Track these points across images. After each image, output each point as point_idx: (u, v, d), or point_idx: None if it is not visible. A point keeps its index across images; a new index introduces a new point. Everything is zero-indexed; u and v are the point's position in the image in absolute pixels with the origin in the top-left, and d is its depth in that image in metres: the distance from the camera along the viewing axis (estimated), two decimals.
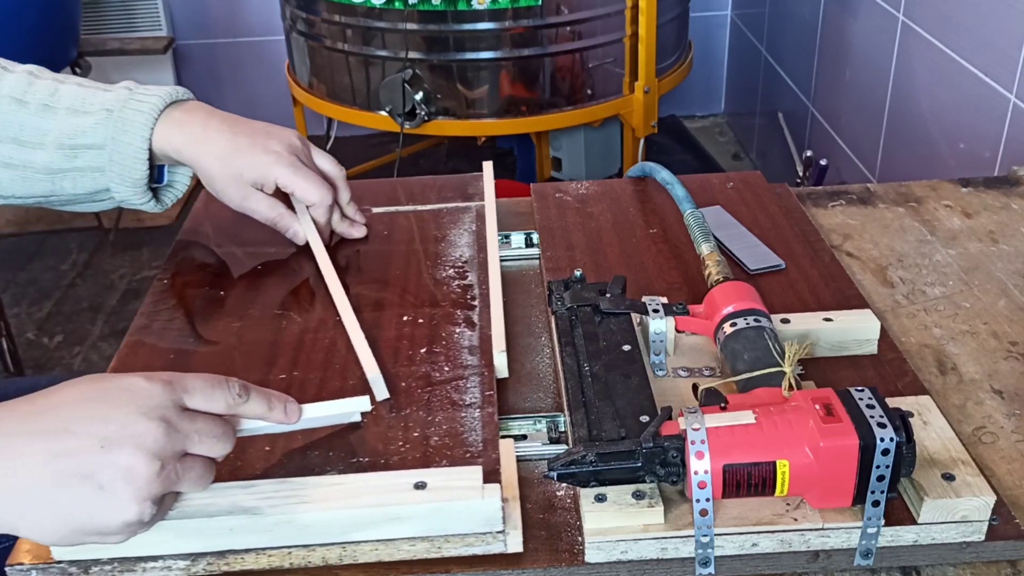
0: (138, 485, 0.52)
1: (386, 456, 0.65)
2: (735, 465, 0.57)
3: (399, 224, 0.96)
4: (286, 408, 0.61)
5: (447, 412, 0.69)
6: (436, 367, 0.74)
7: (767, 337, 0.67)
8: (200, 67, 3.15)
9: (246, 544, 0.58)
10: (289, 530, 0.58)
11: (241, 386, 0.58)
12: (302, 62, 2.20)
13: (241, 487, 0.59)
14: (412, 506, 0.57)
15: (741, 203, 0.97)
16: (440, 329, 0.78)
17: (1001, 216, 0.97)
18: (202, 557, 0.58)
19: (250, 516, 0.57)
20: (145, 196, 0.86)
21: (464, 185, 1.03)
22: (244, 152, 0.85)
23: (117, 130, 0.83)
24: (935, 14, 1.68)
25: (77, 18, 2.52)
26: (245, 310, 0.82)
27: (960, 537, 0.58)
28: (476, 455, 0.64)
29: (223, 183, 0.86)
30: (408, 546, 0.59)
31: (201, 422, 0.55)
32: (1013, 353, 0.77)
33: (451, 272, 0.87)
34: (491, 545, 0.59)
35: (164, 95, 0.85)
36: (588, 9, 1.96)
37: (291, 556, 0.59)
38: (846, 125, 2.17)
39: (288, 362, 0.75)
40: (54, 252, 2.62)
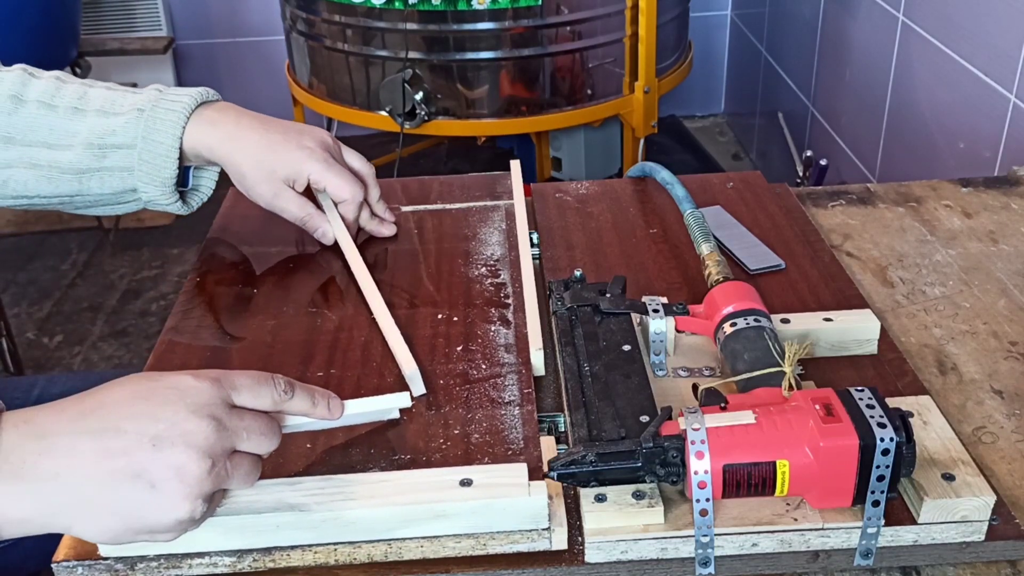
0: (189, 483, 0.52)
1: (427, 453, 0.65)
2: (735, 465, 0.57)
3: (428, 223, 0.96)
4: (329, 404, 0.61)
5: (487, 410, 0.69)
6: (473, 365, 0.74)
7: (767, 337, 0.67)
8: (200, 67, 3.15)
9: (292, 541, 0.58)
10: (335, 527, 0.58)
11: (287, 382, 0.58)
12: (302, 62, 2.20)
13: (287, 484, 0.59)
14: (458, 503, 0.57)
15: (741, 203, 0.97)
16: (475, 327, 0.78)
17: (1001, 216, 0.97)
18: (248, 554, 0.58)
19: (296, 513, 0.57)
20: (172, 197, 0.86)
21: (492, 184, 1.03)
22: (277, 148, 0.86)
23: (148, 129, 0.83)
24: (935, 14, 1.68)
25: (77, 18, 2.52)
26: (278, 308, 0.82)
27: (960, 537, 0.58)
28: (518, 452, 0.64)
29: (254, 180, 0.86)
30: (453, 543, 0.59)
31: (249, 419, 0.55)
32: (1013, 353, 0.77)
33: (483, 270, 0.87)
34: (536, 542, 0.59)
35: (196, 94, 0.85)
36: (588, 9, 1.96)
37: (336, 553, 0.59)
38: (846, 125, 2.17)
39: (324, 360, 0.75)
40: (54, 252, 2.62)
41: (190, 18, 3.08)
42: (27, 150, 0.83)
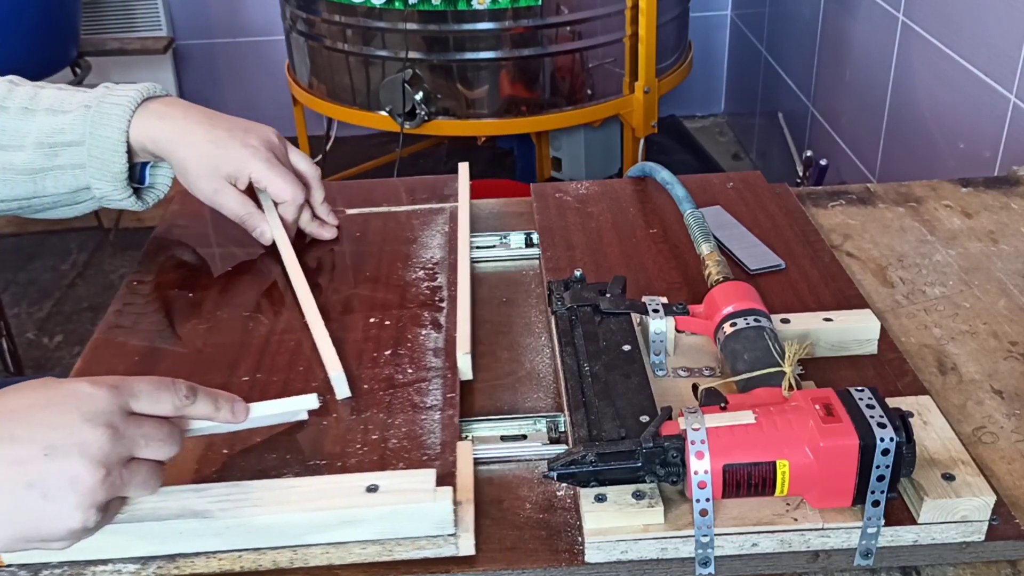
0: (83, 493, 0.51)
1: (343, 459, 0.65)
2: (735, 465, 0.57)
3: (372, 225, 0.96)
4: (233, 407, 0.61)
5: (407, 414, 0.69)
6: (400, 369, 0.74)
7: (767, 337, 0.67)
8: (200, 67, 3.15)
9: (196, 547, 0.58)
10: (239, 533, 0.57)
11: (188, 388, 0.58)
12: (302, 62, 2.20)
13: (192, 490, 0.59)
14: (364, 509, 0.57)
15: (741, 203, 0.97)
16: (406, 331, 0.78)
17: (1001, 216, 0.97)
18: (152, 560, 0.58)
19: (200, 519, 0.57)
20: (125, 192, 0.86)
21: (439, 186, 1.02)
22: (222, 144, 0.85)
23: (95, 124, 0.83)
24: (935, 14, 1.68)
25: (77, 18, 2.52)
26: (214, 312, 0.82)
27: (960, 537, 0.58)
28: (433, 458, 0.64)
29: (197, 174, 0.86)
30: (360, 549, 0.59)
31: (148, 426, 0.55)
32: (1013, 353, 0.77)
33: (421, 273, 0.87)
34: (442, 548, 0.59)
35: (142, 89, 0.86)
36: (588, 9, 1.96)
37: (241, 559, 0.58)
38: (846, 125, 2.17)
39: (253, 364, 0.75)
40: (54, 252, 2.62)
41: (190, 18, 3.08)
42: None
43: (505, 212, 1.00)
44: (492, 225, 0.97)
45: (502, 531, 0.61)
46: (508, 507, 0.63)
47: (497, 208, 1.01)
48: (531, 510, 0.62)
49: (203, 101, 0.90)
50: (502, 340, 0.79)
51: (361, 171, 2.67)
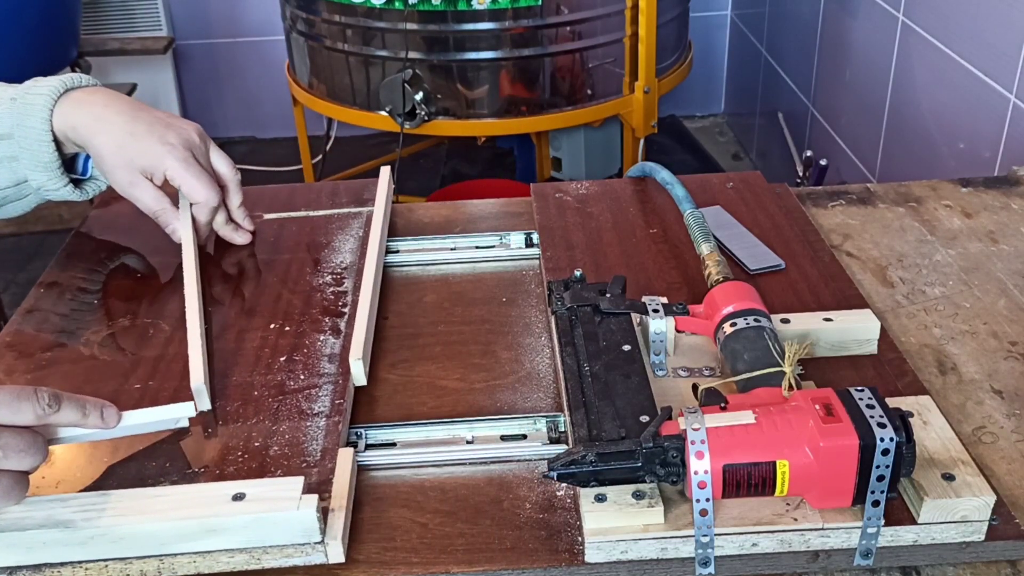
0: None
1: (223, 467, 0.65)
2: (735, 465, 0.57)
3: (288, 230, 0.95)
4: (103, 413, 0.60)
5: (293, 421, 0.69)
6: (292, 375, 0.74)
7: (767, 337, 0.67)
8: (200, 67, 3.15)
9: (62, 557, 0.58)
10: (104, 543, 0.57)
11: (51, 395, 0.57)
12: (302, 62, 2.20)
13: (58, 500, 0.58)
14: (229, 517, 0.57)
15: (741, 203, 0.97)
16: (305, 337, 0.78)
17: (1001, 216, 0.97)
18: (18, 571, 0.58)
19: (63, 529, 0.57)
20: (60, 181, 0.86)
21: (360, 190, 1.02)
22: (139, 138, 0.85)
23: (21, 116, 0.83)
24: (935, 14, 1.68)
25: (77, 18, 2.52)
26: (116, 318, 0.82)
27: (960, 537, 0.58)
28: (312, 465, 0.64)
29: (113, 165, 0.85)
30: (227, 558, 0.58)
31: (7, 436, 0.55)
32: (1013, 353, 0.77)
33: (328, 279, 0.86)
34: (311, 556, 0.58)
35: (65, 80, 0.86)
36: (588, 9, 1.96)
37: (108, 569, 0.58)
38: (846, 125, 2.17)
39: (147, 372, 0.75)
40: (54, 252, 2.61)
41: (190, 18, 3.08)
42: None
43: (505, 212, 1.00)
44: (492, 225, 0.97)
45: (502, 531, 0.61)
46: (508, 507, 0.63)
47: (497, 208, 1.01)
48: (531, 510, 0.62)
49: (203, 101, 0.90)
50: (502, 340, 0.79)
51: (361, 171, 2.67)
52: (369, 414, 0.72)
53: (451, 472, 0.66)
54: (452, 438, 0.69)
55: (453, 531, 0.61)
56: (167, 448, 0.67)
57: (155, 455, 0.66)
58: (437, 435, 0.69)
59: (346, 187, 1.03)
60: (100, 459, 0.66)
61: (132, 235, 0.94)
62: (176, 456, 0.66)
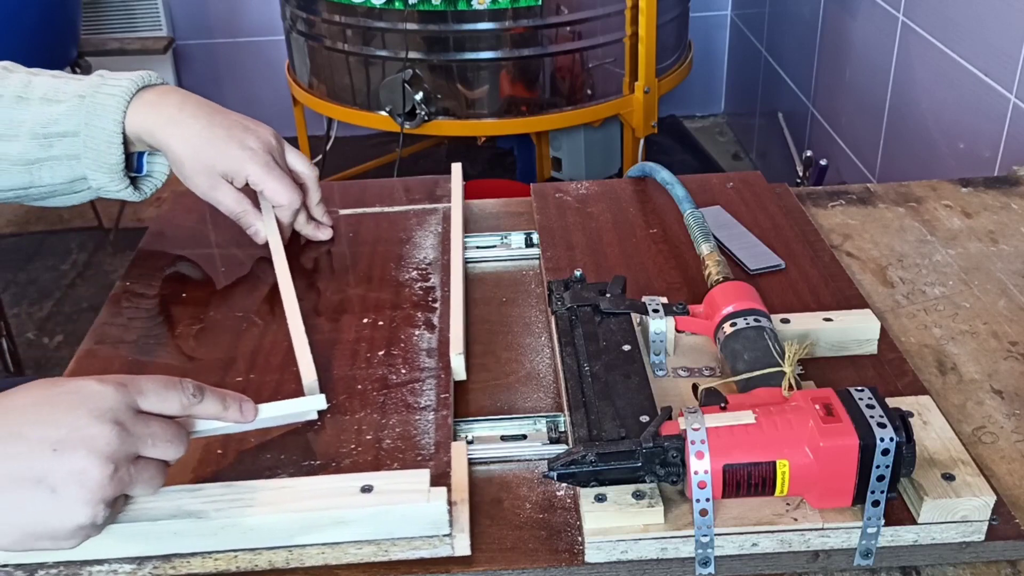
0: (91, 488, 0.51)
1: (337, 459, 0.65)
2: (735, 465, 0.57)
3: (365, 226, 0.96)
4: (242, 407, 0.61)
5: (401, 415, 0.69)
6: (393, 369, 0.74)
7: (767, 337, 0.67)
8: (200, 67, 3.15)
9: (191, 548, 0.58)
10: (234, 534, 0.57)
11: (195, 387, 0.58)
12: (302, 62, 2.20)
13: (187, 491, 0.58)
14: (358, 509, 0.57)
15: (741, 203, 0.97)
16: (399, 331, 0.78)
17: (1001, 216, 0.97)
18: (148, 561, 0.58)
19: (195, 520, 0.57)
20: (122, 183, 0.85)
21: (432, 186, 1.02)
22: (219, 143, 0.84)
23: (90, 115, 0.82)
24: (935, 14, 1.68)
25: (77, 18, 2.52)
26: (206, 313, 0.82)
27: (960, 537, 0.58)
28: (428, 458, 0.64)
29: (192, 169, 0.85)
30: (355, 549, 0.59)
31: (154, 425, 0.55)
32: (1013, 353, 0.77)
33: (414, 274, 0.86)
34: (438, 548, 0.59)
35: (136, 78, 0.85)
36: (588, 9, 1.96)
37: (237, 559, 0.58)
38: (846, 125, 2.17)
39: (246, 365, 0.75)
40: (54, 252, 2.62)
41: (190, 18, 3.08)
42: None
43: (505, 212, 1.00)
44: (492, 225, 0.97)
45: (502, 531, 0.61)
46: (508, 507, 0.63)
47: (497, 208, 1.02)
48: (531, 510, 0.62)
49: None
50: (502, 340, 0.79)
51: (361, 171, 2.67)
52: None
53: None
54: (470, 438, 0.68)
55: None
56: (279, 441, 0.67)
57: (269, 448, 0.66)
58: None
59: (417, 183, 1.03)
60: (214, 451, 0.66)
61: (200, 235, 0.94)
62: (289, 449, 0.66)
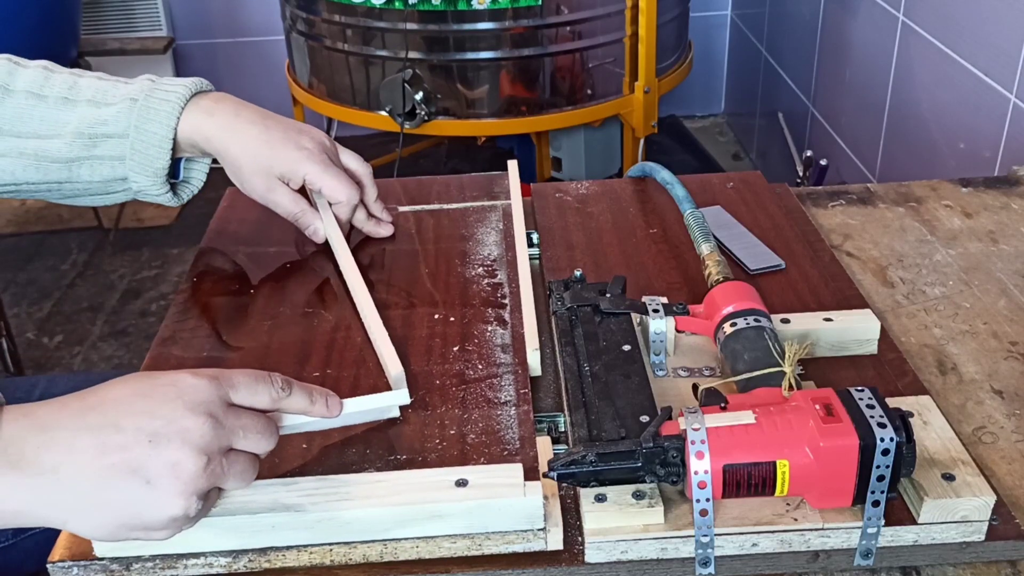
0: (185, 480, 0.52)
1: (423, 453, 0.65)
2: (735, 465, 0.57)
3: (425, 223, 0.96)
4: (328, 401, 0.61)
5: (483, 410, 0.69)
6: (470, 365, 0.74)
7: (767, 337, 0.67)
8: (200, 67, 3.15)
9: (287, 541, 0.58)
10: (330, 527, 0.58)
11: (284, 381, 0.58)
12: (302, 62, 2.20)
13: (282, 484, 0.59)
14: (454, 503, 0.57)
15: (741, 203, 0.97)
16: (472, 327, 0.78)
17: (1001, 216, 0.97)
18: (243, 554, 0.58)
19: (292, 513, 0.57)
20: (163, 187, 0.86)
21: (489, 184, 1.03)
22: (276, 145, 0.86)
23: (142, 118, 0.83)
24: (935, 14, 1.68)
25: (77, 18, 2.52)
26: (275, 310, 0.82)
27: (960, 537, 0.58)
28: (514, 452, 0.64)
29: (250, 172, 0.86)
30: (449, 543, 0.59)
31: (246, 418, 0.56)
32: (1013, 353, 0.77)
33: (480, 271, 0.87)
34: (532, 543, 0.59)
35: (191, 84, 0.85)
36: (588, 9, 1.96)
37: (332, 553, 0.59)
38: (846, 125, 2.17)
39: (321, 360, 0.75)
40: (54, 252, 2.62)
41: (190, 18, 3.08)
42: (16, 141, 0.83)
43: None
44: None
45: None
46: None
47: None
48: None
49: None
50: None
51: None
52: None
53: None
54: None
55: None
56: (364, 436, 0.67)
57: (353, 443, 0.66)
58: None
59: (471, 180, 1.03)
60: (298, 446, 0.66)
61: (259, 230, 0.94)
62: (374, 443, 0.66)
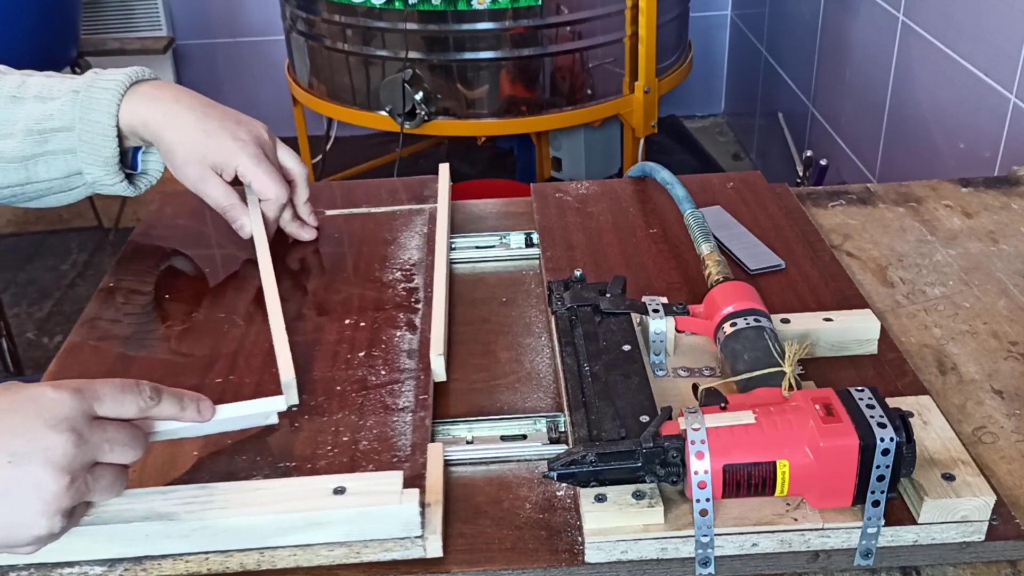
0: (47, 500, 0.51)
1: (313, 460, 0.65)
2: (735, 465, 0.57)
3: (352, 227, 0.95)
4: (199, 407, 0.61)
5: (379, 416, 0.69)
6: (373, 371, 0.74)
7: (767, 337, 0.67)
8: (200, 67, 3.15)
9: (163, 550, 0.58)
10: (206, 535, 0.57)
11: (152, 389, 0.58)
12: (302, 62, 2.20)
13: (159, 493, 0.58)
14: (331, 511, 0.57)
15: (741, 203, 0.97)
16: (381, 332, 0.78)
17: (1001, 216, 0.97)
18: (119, 563, 0.58)
19: (166, 522, 0.57)
20: (117, 176, 0.86)
21: (420, 187, 1.02)
22: (212, 134, 0.85)
23: (84, 109, 0.83)
24: (935, 14, 1.68)
25: (77, 18, 2.52)
26: (191, 312, 0.82)
27: (960, 537, 0.58)
28: (403, 460, 0.64)
29: (184, 160, 0.86)
30: (327, 551, 0.59)
31: (112, 430, 0.55)
32: (1013, 353, 0.77)
33: (398, 275, 0.86)
34: (410, 550, 0.59)
35: (131, 73, 0.86)
36: (588, 9, 1.96)
37: (208, 562, 0.58)
38: (846, 125, 2.17)
39: (227, 366, 0.75)
40: (54, 252, 2.62)
41: (190, 18, 3.08)
42: None
43: (505, 212, 1.00)
44: (492, 225, 0.97)
45: (502, 531, 0.61)
46: (508, 507, 0.63)
47: (497, 208, 1.02)
48: (531, 510, 0.62)
49: None
50: (502, 340, 0.79)
51: (361, 171, 2.67)
52: None
53: (451, 472, 0.66)
54: (452, 438, 0.69)
55: (453, 531, 0.61)
56: (256, 442, 0.67)
57: (244, 449, 0.66)
58: (437, 435, 0.69)
59: (404, 184, 1.03)
60: (189, 453, 0.66)
61: (188, 234, 0.94)
62: (265, 450, 0.66)
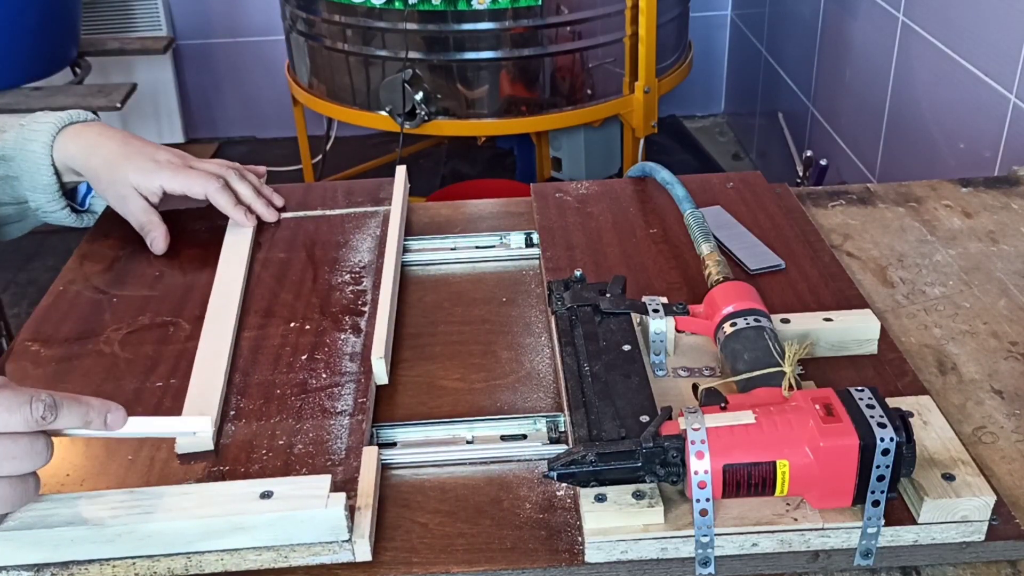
0: None
1: (247, 465, 0.65)
2: (735, 465, 0.57)
3: (305, 229, 0.95)
4: (107, 418, 0.59)
5: (316, 420, 0.69)
6: (315, 374, 0.74)
7: (767, 337, 0.67)
8: (200, 67, 3.15)
9: (89, 555, 0.58)
10: (131, 541, 0.57)
11: (47, 405, 0.56)
12: (302, 62, 2.20)
13: (86, 497, 0.58)
14: (257, 515, 0.57)
15: (741, 203, 0.97)
16: (326, 336, 0.78)
17: (1001, 216, 0.97)
18: (45, 568, 0.58)
19: (91, 527, 0.57)
20: (58, 204, 0.93)
21: (376, 189, 1.02)
22: (131, 157, 0.92)
23: (24, 140, 0.91)
24: (935, 14, 1.68)
25: (77, 18, 2.52)
26: (134, 317, 0.82)
27: (960, 537, 0.58)
28: (337, 463, 0.64)
29: (108, 182, 0.92)
30: (254, 556, 0.58)
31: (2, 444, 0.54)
32: (1013, 353, 0.77)
33: (347, 277, 0.86)
34: (338, 554, 0.59)
35: (69, 114, 0.94)
36: (588, 9, 1.96)
37: (135, 567, 0.58)
38: (846, 125, 2.17)
39: (168, 370, 0.75)
40: (54, 252, 2.62)
41: (190, 18, 3.08)
42: None
43: (505, 212, 1.00)
44: (492, 225, 0.97)
45: (502, 531, 0.61)
46: (508, 507, 0.63)
47: (497, 208, 1.01)
48: (531, 510, 0.62)
49: (203, 101, 0.92)
50: (502, 340, 0.79)
51: (361, 171, 2.67)
52: None
53: (451, 472, 0.66)
54: (452, 438, 0.69)
55: (453, 531, 0.61)
56: None
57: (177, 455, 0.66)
58: (437, 435, 0.69)
59: (361, 186, 1.03)
60: (124, 456, 0.66)
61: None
62: (199, 454, 0.66)
